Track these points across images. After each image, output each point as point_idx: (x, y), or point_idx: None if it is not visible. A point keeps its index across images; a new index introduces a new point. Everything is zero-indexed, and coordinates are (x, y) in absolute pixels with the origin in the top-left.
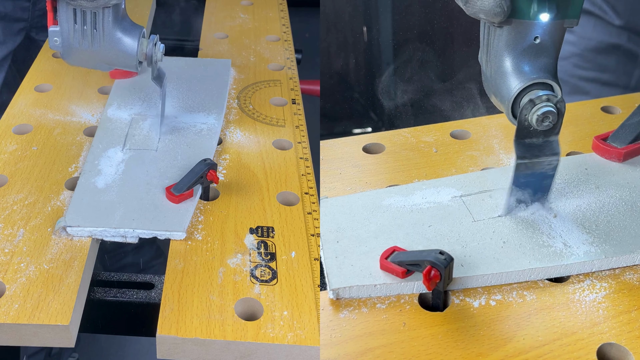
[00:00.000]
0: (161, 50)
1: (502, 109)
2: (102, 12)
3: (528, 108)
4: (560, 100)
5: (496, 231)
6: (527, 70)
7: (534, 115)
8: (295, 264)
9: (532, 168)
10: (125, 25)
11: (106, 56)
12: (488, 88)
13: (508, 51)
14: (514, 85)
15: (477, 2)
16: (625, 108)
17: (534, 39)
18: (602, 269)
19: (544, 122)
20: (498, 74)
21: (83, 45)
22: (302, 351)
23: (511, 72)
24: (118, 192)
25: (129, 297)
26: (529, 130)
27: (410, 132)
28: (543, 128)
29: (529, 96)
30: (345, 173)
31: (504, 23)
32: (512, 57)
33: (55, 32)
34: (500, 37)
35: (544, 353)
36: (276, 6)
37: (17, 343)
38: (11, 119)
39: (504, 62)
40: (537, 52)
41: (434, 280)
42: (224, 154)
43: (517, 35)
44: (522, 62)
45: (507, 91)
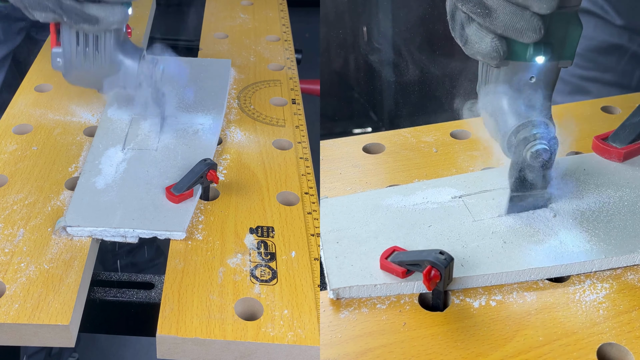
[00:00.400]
0: (161, 71)
1: (498, 141)
2: (104, 35)
3: (522, 145)
4: (553, 138)
5: (496, 231)
6: (522, 108)
7: (528, 152)
8: (295, 264)
9: (526, 200)
10: (126, 47)
11: (107, 77)
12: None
13: (505, 89)
14: (510, 123)
15: (475, 45)
16: (625, 108)
17: (529, 78)
18: (602, 269)
19: (537, 159)
20: (494, 109)
21: (85, 67)
22: (302, 351)
23: (507, 109)
24: (118, 192)
25: (129, 297)
26: (524, 166)
27: (410, 132)
28: (537, 164)
29: (523, 133)
30: (345, 173)
31: (501, 64)
32: (508, 95)
33: (58, 53)
34: (498, 76)
35: (544, 353)
36: (276, 6)
37: (17, 343)
38: (11, 119)
39: (500, 100)
40: (532, 91)
41: (434, 280)
42: (224, 153)
43: (513, 75)
44: (518, 100)
45: (503, 127)
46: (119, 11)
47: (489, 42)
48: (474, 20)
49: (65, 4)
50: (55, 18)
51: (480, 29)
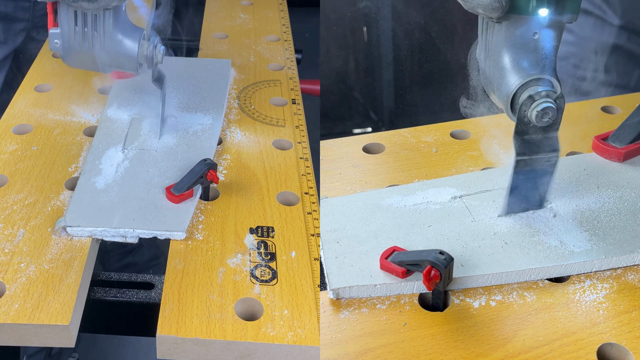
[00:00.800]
0: (162, 52)
1: (501, 106)
2: (102, 14)
3: (527, 104)
4: (559, 96)
5: (496, 231)
6: (526, 66)
7: (534, 112)
8: (295, 264)
9: (532, 165)
10: (126, 27)
11: (106, 58)
12: (487, 85)
13: (507, 47)
14: (513, 82)
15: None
16: (625, 108)
17: (532, 34)
18: (602, 269)
19: (543, 118)
20: (497, 70)
21: (83, 47)
22: (302, 351)
23: (510, 68)
24: (118, 192)
25: (129, 297)
26: (529, 127)
27: (410, 132)
28: (542, 124)
29: (528, 92)
30: (345, 173)
31: (502, 19)
32: (510, 53)
33: (56, 34)
34: (499, 32)
35: (544, 353)
36: (276, 6)
37: (17, 343)
38: (11, 119)
39: (502, 59)
40: (536, 48)
41: (434, 280)
42: (224, 154)
43: (515, 30)
44: (521, 57)
45: (506, 87)
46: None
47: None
48: None
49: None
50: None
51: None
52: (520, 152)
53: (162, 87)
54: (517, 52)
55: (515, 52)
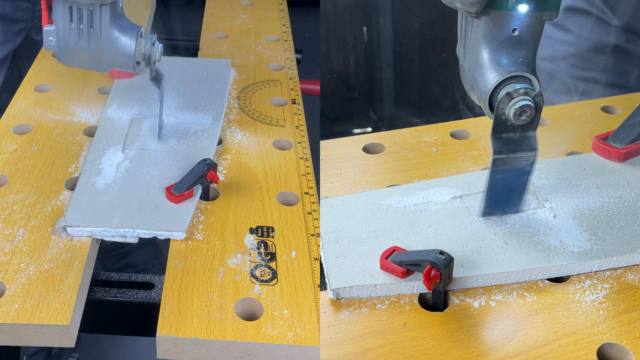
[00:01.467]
0: (159, 50)
1: (480, 103)
2: (99, 10)
3: (505, 101)
4: (538, 94)
5: (496, 231)
6: (505, 62)
7: (512, 109)
8: (295, 264)
9: (509, 164)
10: (123, 24)
11: (103, 56)
12: (466, 82)
13: (486, 43)
14: (492, 78)
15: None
16: (625, 108)
17: (512, 30)
18: (602, 269)
19: (521, 116)
20: (475, 66)
21: (79, 45)
22: (302, 351)
23: (489, 64)
24: (118, 192)
25: (129, 297)
26: (506, 125)
27: (410, 132)
28: (520, 122)
29: (506, 89)
30: (345, 173)
31: (481, 14)
32: (489, 49)
33: (51, 31)
34: (478, 28)
35: (544, 353)
36: (276, 6)
37: (17, 343)
38: (11, 119)
39: (481, 55)
40: (515, 45)
41: (434, 280)
42: (224, 154)
43: (495, 26)
44: (500, 54)
45: (484, 84)
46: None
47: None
48: None
49: None
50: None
51: None
52: (497, 150)
53: (160, 86)
54: (496, 49)
55: (494, 48)
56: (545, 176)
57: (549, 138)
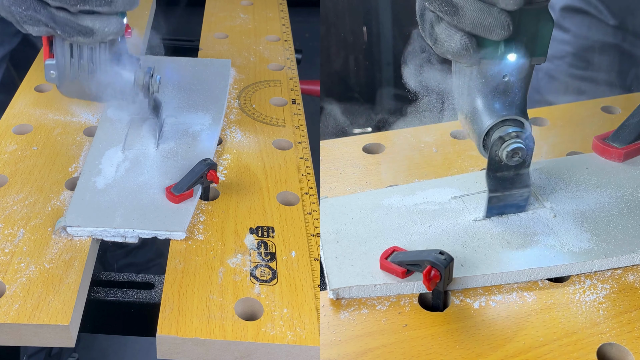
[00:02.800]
0: (157, 81)
1: (474, 142)
2: (98, 46)
3: (498, 145)
4: (528, 136)
5: (496, 231)
6: (497, 107)
7: (504, 151)
8: (295, 264)
9: (504, 200)
10: (122, 58)
11: (102, 89)
12: (461, 120)
13: (478, 90)
14: (485, 122)
15: (444, 44)
16: (625, 108)
17: (502, 77)
18: (602, 269)
19: (513, 158)
20: (469, 110)
21: (80, 79)
22: (302, 351)
23: (482, 109)
24: (118, 192)
25: (129, 297)
26: (500, 165)
27: (410, 132)
28: (513, 163)
29: (498, 132)
30: (345, 173)
31: (472, 63)
32: (482, 95)
33: (51, 65)
34: (470, 76)
35: (544, 353)
36: (276, 6)
37: (17, 343)
38: (11, 119)
39: (474, 100)
40: (506, 90)
41: (434, 280)
42: (224, 154)
43: (486, 74)
44: (492, 99)
45: (478, 127)
46: (114, 22)
47: (458, 40)
48: (443, 19)
49: (59, 17)
50: (49, 32)
51: (449, 28)
52: (492, 189)
53: (158, 115)
54: (488, 94)
55: (486, 94)
56: (545, 176)
57: (549, 138)
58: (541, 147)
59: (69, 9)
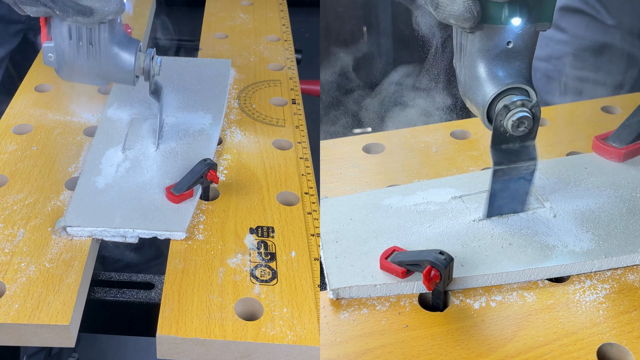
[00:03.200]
0: (158, 64)
1: (478, 114)
2: (98, 27)
3: (503, 114)
4: (535, 105)
5: (496, 231)
6: (501, 75)
7: (509, 121)
8: (295, 264)
9: (510, 174)
10: (122, 39)
11: (102, 71)
12: (463, 93)
13: (481, 56)
14: (489, 91)
15: (446, 7)
16: (625, 108)
17: (506, 43)
18: (602, 269)
19: (519, 128)
20: (472, 79)
21: (79, 61)
22: (302, 351)
23: (485, 77)
24: (118, 192)
25: (129, 297)
26: (505, 136)
27: (410, 132)
28: (519, 133)
29: (503, 102)
30: (345, 173)
31: (475, 28)
32: (485, 63)
33: (50, 47)
34: (473, 42)
35: (544, 353)
36: (276, 6)
37: (17, 343)
38: (11, 119)
39: (477, 68)
40: (510, 57)
41: (434, 280)
42: (224, 154)
43: (489, 40)
44: (496, 67)
45: (481, 97)
46: (114, 1)
47: (461, 3)
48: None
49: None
50: (47, 12)
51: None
52: (497, 161)
53: (159, 99)
54: (491, 62)
55: (489, 61)
56: (545, 176)
57: (549, 138)
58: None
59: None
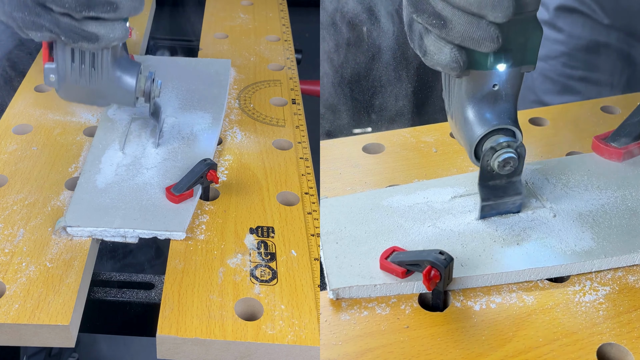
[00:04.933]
0: (159, 86)
1: (465, 149)
2: (101, 52)
3: (490, 155)
4: (520, 145)
5: (496, 231)
6: (488, 117)
7: (496, 162)
8: (295, 264)
9: (497, 208)
10: (124, 63)
11: (103, 93)
12: (453, 130)
13: (468, 99)
14: (476, 132)
15: (434, 56)
16: (625, 108)
17: (492, 86)
18: (602, 269)
19: (505, 167)
20: (460, 119)
21: (80, 83)
22: (302, 351)
23: (472, 119)
24: (118, 192)
25: (129, 297)
26: (492, 174)
27: (410, 132)
28: (505, 172)
29: (490, 143)
30: (345, 173)
31: (462, 74)
32: (472, 105)
33: (51, 69)
34: (460, 86)
35: (544, 353)
36: (276, 6)
37: (17, 343)
38: (11, 119)
39: (465, 110)
40: (496, 99)
41: (434, 280)
42: (224, 154)
43: (476, 84)
44: (483, 109)
45: (469, 137)
46: (119, 27)
47: (448, 52)
48: (431, 31)
49: (63, 23)
50: (52, 37)
51: (438, 40)
52: (485, 198)
53: (158, 120)
54: (478, 104)
55: (476, 103)
56: (545, 176)
57: (549, 138)
58: (541, 147)
59: (73, 15)
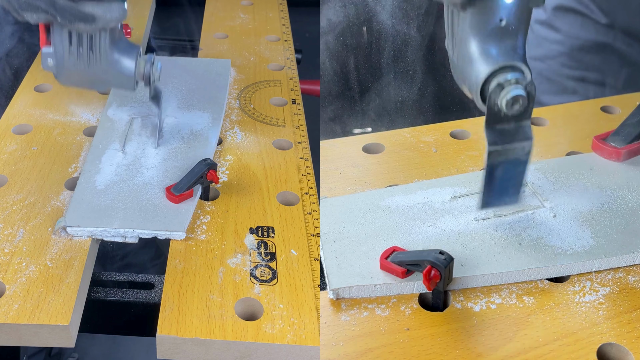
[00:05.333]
0: (158, 69)
1: (471, 96)
2: (98, 33)
3: (497, 92)
4: (530, 83)
5: (496, 231)
6: (494, 53)
7: (504, 100)
8: (295, 263)
9: (505, 155)
10: (122, 45)
11: (102, 77)
12: (456, 75)
13: (473, 35)
14: (482, 70)
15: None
16: (625, 108)
17: (499, 20)
18: (602, 269)
19: (514, 106)
20: (465, 59)
21: (78, 67)
22: (302, 351)
23: (478, 56)
24: (118, 192)
25: (129, 297)
26: (500, 116)
27: (410, 132)
28: (514, 112)
29: (497, 80)
30: (345, 173)
31: (467, 5)
32: (477, 41)
33: (49, 53)
34: (464, 20)
35: (544, 353)
36: (276, 6)
37: (17, 343)
38: (11, 119)
39: (470, 47)
40: (503, 35)
41: (434, 280)
42: (224, 154)
43: (481, 17)
44: (489, 45)
45: (475, 77)
46: (116, 8)
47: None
48: None
49: (59, 3)
50: (48, 19)
51: None
52: (492, 141)
53: (159, 104)
54: (484, 40)
55: (482, 40)
56: (545, 176)
57: (548, 138)
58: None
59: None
